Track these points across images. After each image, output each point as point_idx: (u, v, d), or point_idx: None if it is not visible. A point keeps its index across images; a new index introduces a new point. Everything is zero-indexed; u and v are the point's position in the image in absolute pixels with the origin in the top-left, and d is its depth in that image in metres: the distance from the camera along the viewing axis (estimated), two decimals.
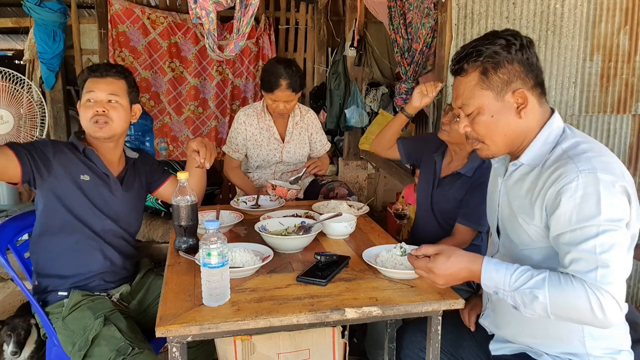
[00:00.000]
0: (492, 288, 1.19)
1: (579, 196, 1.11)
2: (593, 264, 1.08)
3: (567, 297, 1.09)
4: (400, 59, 3.31)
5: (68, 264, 1.72)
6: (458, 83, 1.29)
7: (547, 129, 1.25)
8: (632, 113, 3.03)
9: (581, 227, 1.10)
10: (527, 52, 1.21)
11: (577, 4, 2.81)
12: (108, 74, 1.77)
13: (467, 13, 2.73)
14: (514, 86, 1.21)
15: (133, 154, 1.92)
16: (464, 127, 1.30)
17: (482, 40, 1.23)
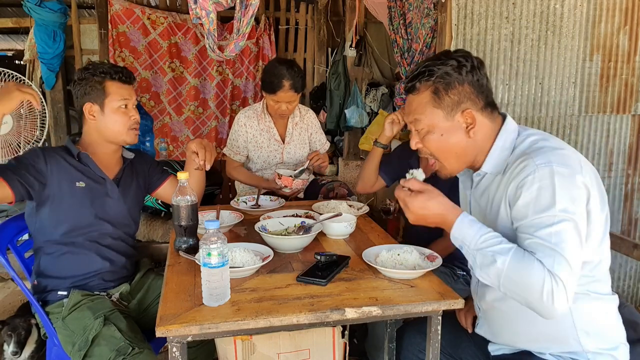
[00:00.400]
0: (458, 241, 1.21)
1: (536, 188, 1.14)
2: (550, 251, 1.10)
3: (524, 271, 1.10)
4: (400, 59, 3.31)
5: (66, 266, 1.72)
6: (410, 100, 1.33)
7: (503, 135, 1.28)
8: (632, 113, 3.03)
9: (538, 217, 1.13)
10: (478, 73, 1.25)
11: (577, 4, 2.81)
12: (131, 80, 1.80)
13: (467, 13, 2.73)
14: (464, 106, 1.25)
15: (129, 154, 1.91)
16: (415, 144, 1.34)
17: (435, 60, 1.27)
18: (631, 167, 3.04)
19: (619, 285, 3.03)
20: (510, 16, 2.76)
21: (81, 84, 1.74)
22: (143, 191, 1.96)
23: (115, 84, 1.75)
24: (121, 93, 1.75)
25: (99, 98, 1.74)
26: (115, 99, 1.74)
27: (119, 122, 1.75)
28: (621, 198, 3.04)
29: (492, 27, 2.76)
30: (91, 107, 1.74)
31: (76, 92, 1.76)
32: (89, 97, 1.74)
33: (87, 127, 1.79)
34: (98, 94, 1.73)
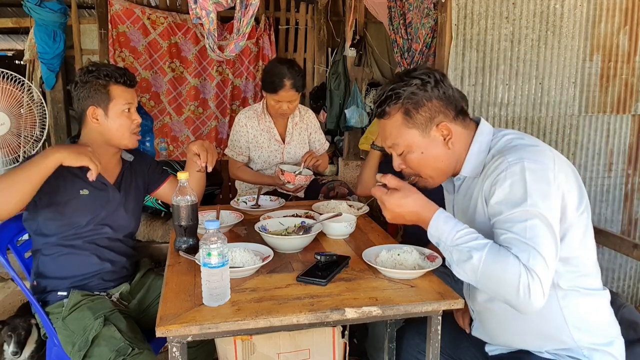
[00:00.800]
0: (435, 238, 1.22)
1: (508, 185, 1.17)
2: (524, 245, 1.11)
3: (500, 266, 1.10)
4: (400, 59, 3.31)
5: (65, 267, 1.72)
6: (384, 125, 1.34)
7: (478, 139, 1.31)
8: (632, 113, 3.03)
9: (511, 213, 1.14)
10: (442, 86, 1.27)
11: (577, 4, 2.81)
12: (134, 83, 1.79)
13: (467, 13, 2.73)
14: (437, 120, 1.28)
15: (128, 156, 1.90)
16: (398, 166, 1.36)
17: (398, 82, 1.28)
18: (631, 167, 3.04)
19: (619, 285, 3.03)
20: (510, 16, 2.76)
21: (85, 86, 1.71)
22: (143, 192, 1.95)
23: (120, 87, 1.73)
24: (125, 97, 1.74)
25: (103, 102, 1.71)
26: (120, 102, 1.73)
27: (123, 126, 1.74)
28: (621, 198, 3.04)
29: (492, 27, 2.76)
30: (94, 110, 1.72)
31: (78, 94, 1.73)
32: (92, 100, 1.71)
33: (88, 130, 1.77)
34: (102, 97, 1.71)
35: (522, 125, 2.94)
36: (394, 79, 1.32)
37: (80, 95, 1.73)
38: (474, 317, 1.47)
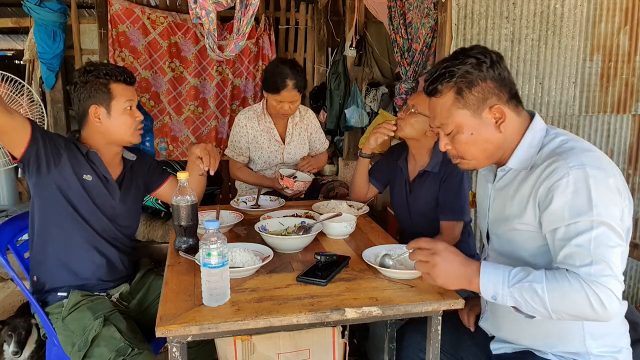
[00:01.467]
0: (490, 291, 1.17)
1: (570, 192, 1.12)
2: (587, 258, 1.09)
3: (564, 292, 1.09)
4: (400, 59, 3.31)
5: (65, 259, 1.72)
6: (434, 104, 1.30)
7: (530, 133, 1.27)
8: (632, 113, 3.03)
9: (574, 222, 1.11)
10: (498, 67, 1.24)
11: (577, 4, 2.81)
12: (134, 81, 1.79)
13: (467, 13, 2.73)
14: (490, 102, 1.24)
15: (131, 155, 1.90)
16: (444, 146, 1.32)
17: (453, 60, 1.25)
18: (631, 167, 3.04)
19: None
20: (510, 16, 2.76)
21: (85, 86, 1.70)
22: (143, 192, 1.95)
23: (120, 85, 1.73)
24: (126, 94, 1.74)
25: (105, 101, 1.71)
26: (122, 100, 1.72)
27: (126, 124, 1.74)
28: None
29: (492, 27, 2.76)
30: (96, 109, 1.71)
31: (78, 95, 1.72)
32: (93, 99, 1.70)
33: (90, 130, 1.76)
34: (103, 96, 1.71)
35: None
36: (448, 57, 1.28)
37: (81, 95, 1.72)
38: (486, 309, 1.45)
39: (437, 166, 2.02)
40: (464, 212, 2.00)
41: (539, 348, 1.31)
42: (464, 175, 2.01)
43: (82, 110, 1.74)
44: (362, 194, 2.25)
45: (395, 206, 2.27)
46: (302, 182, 2.34)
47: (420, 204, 2.09)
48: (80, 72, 1.73)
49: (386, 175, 2.26)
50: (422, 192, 2.07)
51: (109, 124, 1.73)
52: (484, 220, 1.46)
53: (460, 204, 1.99)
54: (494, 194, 1.39)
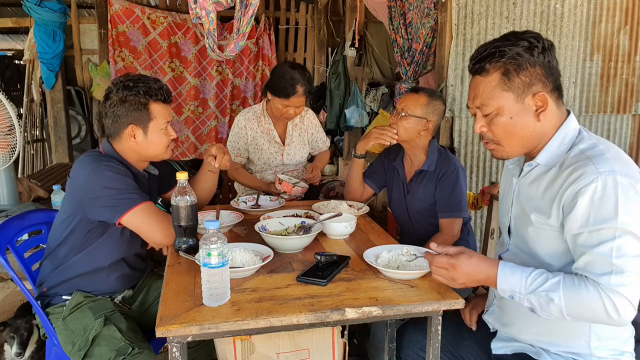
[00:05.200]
0: (507, 292, 1.19)
1: (597, 198, 1.11)
2: (607, 267, 1.09)
3: (581, 299, 1.10)
4: (400, 59, 3.31)
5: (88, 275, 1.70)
6: (477, 82, 1.26)
7: (564, 130, 1.24)
8: (632, 113, 3.03)
9: (598, 230, 1.11)
10: (549, 55, 1.21)
11: (577, 4, 2.81)
12: (170, 99, 1.75)
13: (467, 13, 2.73)
14: (535, 89, 1.21)
15: (154, 170, 1.87)
16: (480, 127, 1.28)
17: (504, 40, 1.21)
18: None
19: None
20: (510, 16, 2.76)
21: (123, 105, 1.63)
22: (156, 199, 1.95)
23: (159, 105, 1.68)
24: (165, 115, 1.70)
25: (144, 121, 1.65)
26: (161, 122, 1.68)
27: (161, 144, 1.70)
28: None
29: (493, 27, 2.76)
30: (134, 129, 1.65)
31: (115, 112, 1.64)
32: (131, 119, 1.64)
33: (123, 146, 1.69)
34: (142, 116, 1.65)
35: None
36: (499, 38, 1.23)
37: (118, 113, 1.64)
38: (493, 303, 1.45)
39: (433, 164, 2.03)
40: (461, 208, 2.00)
41: (542, 345, 1.31)
42: (459, 172, 2.02)
43: (116, 127, 1.66)
44: (358, 194, 2.25)
45: (393, 207, 2.27)
46: (300, 187, 2.35)
47: (418, 204, 2.10)
48: (117, 88, 1.64)
49: (382, 176, 2.27)
50: (419, 191, 2.08)
51: (144, 144, 1.68)
52: (506, 215, 1.44)
53: (457, 201, 2.00)
54: (518, 188, 1.37)
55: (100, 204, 1.57)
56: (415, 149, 2.07)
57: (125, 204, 1.56)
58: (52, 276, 1.71)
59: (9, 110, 2.66)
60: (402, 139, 2.03)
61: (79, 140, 4.97)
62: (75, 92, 4.88)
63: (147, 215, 1.58)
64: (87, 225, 1.64)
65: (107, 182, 1.57)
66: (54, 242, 1.71)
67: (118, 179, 1.58)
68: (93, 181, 1.57)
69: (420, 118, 1.98)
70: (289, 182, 2.36)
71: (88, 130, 5.00)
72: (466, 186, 2.08)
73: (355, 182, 2.24)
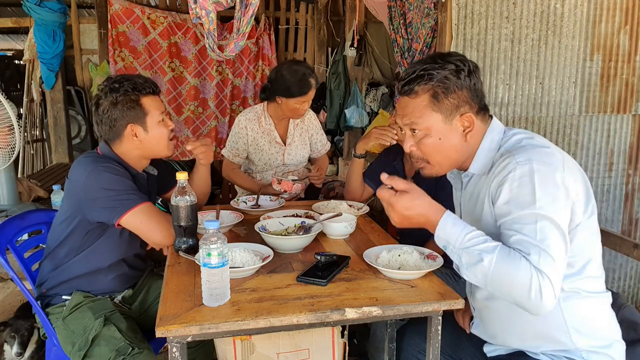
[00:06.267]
0: (442, 241, 1.19)
1: (516, 186, 1.15)
2: (534, 248, 1.10)
3: (511, 269, 1.09)
4: (400, 59, 3.31)
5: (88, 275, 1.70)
6: (406, 103, 1.30)
7: (489, 136, 1.29)
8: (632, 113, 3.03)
9: (519, 215, 1.14)
10: (474, 77, 1.26)
11: (577, 4, 2.81)
12: (159, 91, 1.75)
13: (467, 13, 2.73)
14: (462, 110, 1.26)
15: (154, 170, 1.87)
16: (409, 147, 1.32)
17: (432, 63, 1.25)
18: (632, 167, 3.03)
19: (619, 285, 3.03)
20: (510, 16, 2.76)
21: (116, 107, 1.63)
22: (155, 199, 1.95)
23: (150, 98, 1.68)
24: (158, 107, 1.70)
25: (140, 118, 1.66)
26: (156, 114, 1.68)
27: (163, 137, 1.71)
28: (621, 198, 3.03)
29: (493, 27, 2.76)
30: (133, 128, 1.66)
31: (110, 116, 1.64)
32: (128, 118, 1.65)
33: (125, 146, 1.69)
34: (138, 113, 1.65)
35: (522, 125, 2.94)
36: (426, 59, 1.28)
37: (113, 116, 1.64)
38: (474, 315, 1.46)
39: None
40: None
41: (531, 349, 1.32)
42: None
43: (115, 130, 1.66)
44: (357, 194, 2.25)
45: None
46: (300, 184, 2.34)
47: None
48: (105, 93, 1.64)
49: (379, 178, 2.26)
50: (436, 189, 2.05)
51: (146, 140, 1.68)
52: None
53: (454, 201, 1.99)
54: (462, 202, 1.42)
55: (99, 205, 1.57)
56: None
57: (125, 205, 1.56)
58: (52, 276, 1.71)
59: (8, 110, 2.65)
60: (402, 138, 2.03)
61: (78, 140, 4.98)
62: (75, 92, 4.88)
63: (147, 215, 1.58)
64: (86, 226, 1.64)
65: (105, 183, 1.56)
66: (54, 242, 1.71)
67: (117, 180, 1.58)
68: (92, 182, 1.57)
69: None
70: (287, 180, 2.36)
71: (88, 130, 5.00)
72: None
73: (355, 182, 2.23)
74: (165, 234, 1.59)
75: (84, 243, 1.67)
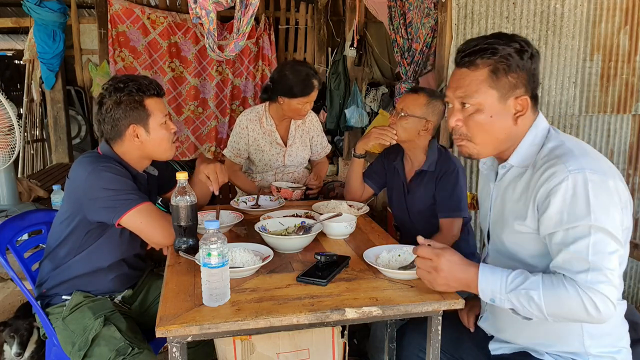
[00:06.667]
0: (488, 293, 1.19)
1: (569, 196, 1.12)
2: (584, 265, 1.09)
3: (560, 297, 1.11)
4: (400, 59, 3.31)
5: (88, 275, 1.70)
6: (463, 75, 1.25)
7: (534, 130, 1.26)
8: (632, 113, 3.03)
9: (573, 227, 1.12)
10: (535, 62, 1.23)
11: (577, 4, 2.81)
12: (163, 93, 1.74)
13: (467, 13, 2.73)
14: (518, 92, 1.22)
15: (154, 170, 1.87)
16: (455, 121, 1.28)
17: (497, 38, 1.22)
18: (632, 167, 3.04)
19: None
20: (510, 16, 2.76)
21: (119, 107, 1.62)
22: (155, 199, 1.95)
23: (153, 99, 1.68)
24: (161, 109, 1.69)
25: (143, 119, 1.65)
26: (159, 116, 1.67)
27: (164, 139, 1.70)
28: None
29: (493, 27, 2.76)
30: (135, 129, 1.65)
31: (113, 116, 1.63)
32: (130, 119, 1.64)
33: (126, 147, 1.68)
34: (141, 114, 1.64)
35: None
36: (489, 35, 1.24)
37: (116, 116, 1.63)
38: (485, 309, 1.46)
39: (433, 165, 2.03)
40: (461, 208, 2.00)
41: (537, 348, 1.31)
42: (459, 172, 2.02)
43: (117, 130, 1.66)
44: (357, 194, 2.25)
45: (393, 207, 2.27)
46: (299, 190, 2.35)
47: (418, 204, 2.10)
48: (109, 92, 1.64)
49: (382, 176, 2.27)
50: (419, 191, 2.08)
51: (148, 141, 1.68)
52: (485, 220, 1.46)
53: (457, 201, 2.00)
54: (495, 192, 1.38)
55: (99, 205, 1.57)
56: (415, 149, 2.07)
57: (125, 204, 1.56)
58: (52, 276, 1.71)
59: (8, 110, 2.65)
60: (402, 139, 2.03)
61: (79, 140, 4.98)
62: (75, 92, 4.88)
63: (147, 215, 1.58)
64: (86, 225, 1.64)
65: (106, 183, 1.56)
66: (54, 242, 1.71)
67: (117, 179, 1.58)
68: (92, 182, 1.57)
69: (420, 118, 1.98)
70: (287, 187, 2.36)
71: (88, 130, 5.00)
72: (466, 186, 2.08)
73: (355, 182, 2.23)
74: (165, 233, 1.59)
75: (84, 243, 1.67)
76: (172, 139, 1.74)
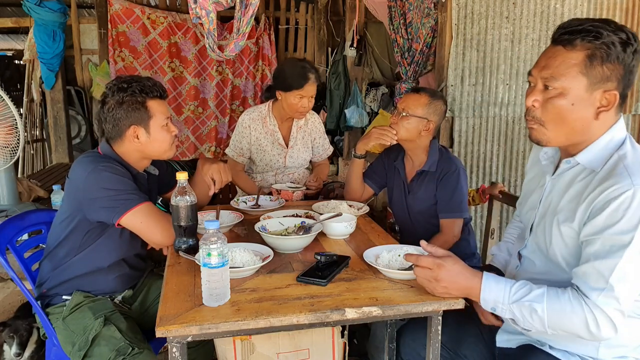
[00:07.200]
0: (490, 302, 1.19)
1: (624, 209, 1.07)
2: (602, 284, 1.08)
3: (564, 312, 1.11)
4: (401, 59, 3.31)
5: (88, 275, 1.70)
6: (556, 53, 1.16)
7: (610, 133, 1.18)
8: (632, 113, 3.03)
9: (611, 239, 1.08)
10: (637, 59, 1.14)
11: (577, 4, 2.81)
12: (165, 95, 1.75)
13: (467, 13, 2.73)
14: (609, 85, 1.14)
15: (154, 170, 1.87)
16: (532, 101, 1.19)
17: (604, 24, 1.12)
18: None
19: None
20: (510, 16, 2.76)
21: (121, 107, 1.63)
22: (156, 199, 1.95)
23: (156, 101, 1.69)
24: (163, 111, 1.70)
25: (144, 120, 1.65)
26: (161, 118, 1.68)
27: (165, 141, 1.70)
28: None
29: (493, 27, 2.76)
30: (135, 130, 1.65)
31: (114, 115, 1.63)
32: (132, 119, 1.64)
33: (126, 147, 1.68)
34: (142, 115, 1.65)
35: (522, 125, 2.94)
36: (597, 19, 1.14)
37: (117, 116, 1.64)
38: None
39: (434, 165, 2.03)
40: (462, 209, 2.01)
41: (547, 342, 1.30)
42: (460, 172, 2.02)
43: (118, 130, 1.66)
44: (358, 194, 2.25)
45: (394, 207, 2.27)
46: (300, 191, 2.35)
47: (419, 204, 2.10)
48: (112, 91, 1.64)
49: (382, 176, 2.27)
50: (420, 192, 2.08)
51: (147, 143, 1.68)
52: (531, 212, 1.39)
53: (458, 201, 2.00)
54: (550, 186, 1.31)
55: (99, 205, 1.57)
56: (416, 149, 2.07)
57: (125, 204, 1.56)
58: (52, 276, 1.71)
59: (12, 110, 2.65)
60: (403, 139, 2.03)
61: (79, 140, 4.98)
62: (75, 92, 4.88)
63: (147, 215, 1.58)
64: (86, 225, 1.64)
65: (106, 183, 1.56)
66: (54, 242, 1.71)
67: (117, 179, 1.58)
68: (92, 182, 1.57)
69: (421, 118, 1.98)
70: (287, 189, 2.36)
71: (88, 130, 5.00)
72: (467, 186, 2.08)
73: (355, 182, 2.23)
74: (165, 233, 1.59)
75: (84, 243, 1.67)
76: (173, 141, 1.74)
